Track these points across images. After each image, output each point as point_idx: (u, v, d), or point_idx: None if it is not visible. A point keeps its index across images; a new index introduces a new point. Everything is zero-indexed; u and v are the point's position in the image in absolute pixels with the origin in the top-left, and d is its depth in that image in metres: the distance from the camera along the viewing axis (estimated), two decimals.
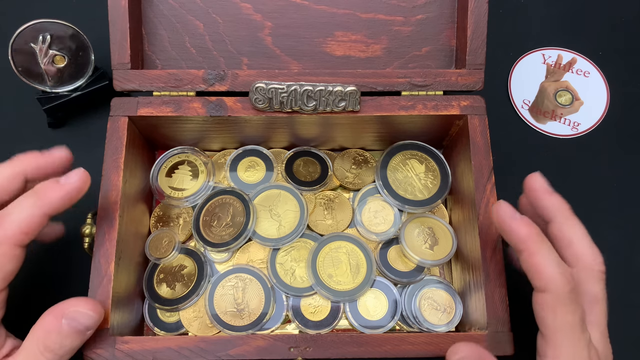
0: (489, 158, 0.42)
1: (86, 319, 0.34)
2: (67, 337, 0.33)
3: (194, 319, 0.43)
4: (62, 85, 0.49)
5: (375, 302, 0.43)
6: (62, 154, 0.38)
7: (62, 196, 0.35)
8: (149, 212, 0.47)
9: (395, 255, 0.45)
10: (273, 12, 0.46)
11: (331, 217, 0.47)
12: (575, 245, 0.36)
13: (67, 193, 0.35)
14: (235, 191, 0.46)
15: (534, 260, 0.33)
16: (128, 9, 0.42)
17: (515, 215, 0.34)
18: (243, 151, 0.49)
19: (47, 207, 0.34)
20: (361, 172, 0.49)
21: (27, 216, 0.33)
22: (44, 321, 0.33)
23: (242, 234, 0.44)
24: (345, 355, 0.37)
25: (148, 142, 0.47)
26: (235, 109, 0.43)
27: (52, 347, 0.33)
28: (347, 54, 0.47)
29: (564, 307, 0.32)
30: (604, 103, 0.57)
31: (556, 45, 0.59)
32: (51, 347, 0.33)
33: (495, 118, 0.47)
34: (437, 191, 0.46)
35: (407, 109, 0.43)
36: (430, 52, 0.47)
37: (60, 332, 0.33)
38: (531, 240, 0.33)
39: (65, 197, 0.35)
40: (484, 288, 0.38)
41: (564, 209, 0.37)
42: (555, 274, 0.32)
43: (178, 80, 0.43)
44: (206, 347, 0.36)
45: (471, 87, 0.44)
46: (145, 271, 0.44)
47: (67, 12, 0.57)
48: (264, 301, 0.43)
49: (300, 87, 0.42)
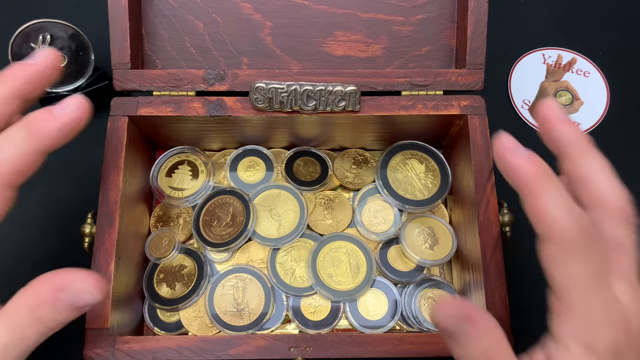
0: (489, 158, 0.42)
1: (89, 297, 0.29)
2: (62, 311, 0.29)
3: (194, 319, 0.43)
4: (62, 85, 0.49)
5: (375, 302, 0.43)
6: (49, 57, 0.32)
7: (58, 129, 0.30)
8: (149, 212, 0.47)
9: (395, 255, 0.45)
10: (273, 12, 0.46)
11: (331, 217, 0.47)
12: (593, 183, 0.29)
13: (64, 125, 0.30)
14: (235, 191, 0.46)
15: (537, 204, 0.27)
16: (128, 9, 0.42)
17: (518, 149, 0.28)
18: (243, 151, 0.49)
19: (41, 143, 0.30)
20: (361, 172, 0.49)
21: (19, 153, 0.29)
22: (38, 289, 0.29)
23: (242, 234, 0.44)
24: (345, 355, 0.37)
25: (148, 142, 0.47)
26: (235, 108, 0.43)
27: (44, 319, 0.29)
28: (347, 53, 0.47)
29: (573, 257, 0.27)
30: (604, 103, 0.57)
31: (556, 45, 0.59)
32: (42, 319, 0.29)
33: (495, 118, 0.47)
34: (437, 191, 0.46)
35: (407, 109, 0.43)
36: (430, 52, 0.47)
37: (56, 306, 0.29)
38: (535, 179, 0.27)
39: (62, 130, 0.30)
40: (484, 288, 0.38)
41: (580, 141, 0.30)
42: (560, 217, 0.27)
43: (178, 80, 0.43)
44: (206, 347, 0.36)
45: (471, 87, 0.44)
46: (145, 271, 0.44)
47: (67, 12, 0.57)
48: (264, 301, 0.43)
49: (300, 87, 0.42)
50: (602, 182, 0.29)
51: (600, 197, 0.29)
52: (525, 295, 0.45)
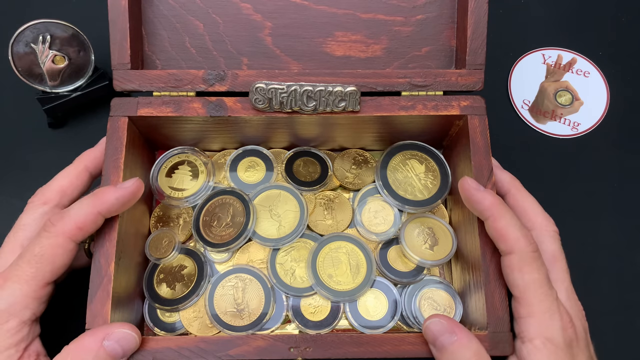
0: (489, 158, 0.42)
1: (129, 343, 0.35)
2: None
3: (194, 319, 0.43)
4: (62, 85, 0.49)
5: (375, 302, 0.44)
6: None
7: (117, 197, 0.37)
8: (149, 212, 0.47)
9: (395, 255, 0.45)
10: (273, 12, 0.46)
11: (331, 217, 0.47)
12: (530, 212, 0.40)
13: (122, 196, 0.37)
14: (235, 191, 0.46)
15: (498, 224, 0.37)
16: (128, 9, 0.42)
17: (479, 187, 0.38)
18: (243, 151, 0.49)
19: (103, 207, 0.37)
20: (361, 172, 0.49)
21: (84, 213, 0.36)
22: (82, 341, 0.34)
23: (242, 234, 0.44)
24: (345, 355, 0.37)
25: (148, 142, 0.47)
26: (235, 109, 0.43)
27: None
28: (347, 54, 0.47)
29: (529, 266, 0.35)
30: (604, 103, 0.57)
31: (556, 45, 0.59)
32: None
33: (495, 118, 0.47)
34: (437, 191, 0.46)
35: (407, 109, 0.43)
36: (430, 52, 0.47)
37: (98, 355, 0.33)
38: (495, 207, 0.37)
39: (120, 199, 0.37)
40: (484, 288, 0.38)
41: (515, 182, 0.42)
42: (518, 235, 0.36)
43: (178, 80, 0.43)
44: (206, 347, 0.36)
45: (471, 87, 0.44)
46: (145, 271, 0.44)
47: (67, 12, 0.57)
48: (264, 301, 0.43)
49: (300, 87, 0.42)
50: (536, 211, 0.41)
51: (535, 221, 0.40)
52: None
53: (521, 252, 0.36)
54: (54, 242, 0.35)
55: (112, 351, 0.34)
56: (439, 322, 0.36)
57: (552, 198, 0.52)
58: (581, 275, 0.38)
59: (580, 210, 0.52)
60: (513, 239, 0.36)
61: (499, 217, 0.37)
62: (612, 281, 0.50)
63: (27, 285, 0.34)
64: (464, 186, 0.39)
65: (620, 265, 0.50)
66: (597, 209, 0.52)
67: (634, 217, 0.52)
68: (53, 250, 0.35)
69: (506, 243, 0.36)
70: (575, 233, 0.51)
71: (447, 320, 0.36)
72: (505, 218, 0.36)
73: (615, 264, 0.50)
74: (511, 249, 0.36)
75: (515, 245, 0.36)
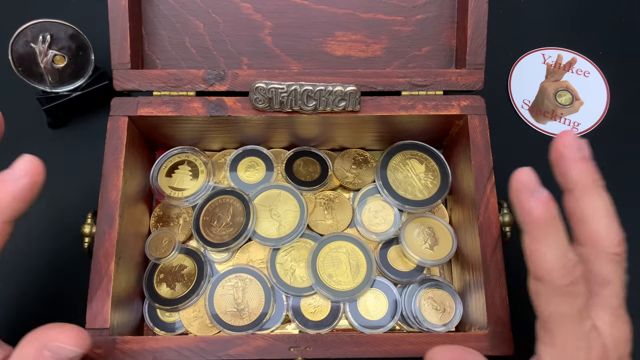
0: (489, 158, 0.42)
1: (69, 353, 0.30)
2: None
3: (194, 319, 0.43)
4: (62, 85, 0.49)
5: (375, 302, 0.43)
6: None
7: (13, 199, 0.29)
8: (149, 212, 0.47)
9: (395, 255, 0.45)
10: (273, 12, 0.46)
11: (331, 217, 0.47)
12: (590, 224, 0.31)
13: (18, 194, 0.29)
14: (235, 191, 0.46)
15: (535, 246, 0.29)
16: (128, 9, 0.42)
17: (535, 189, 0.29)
18: (243, 151, 0.49)
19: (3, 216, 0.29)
20: (361, 172, 0.49)
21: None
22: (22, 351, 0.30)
23: (242, 234, 0.44)
24: (346, 355, 0.37)
25: (148, 142, 0.47)
26: (235, 109, 0.43)
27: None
28: (347, 54, 0.47)
29: (559, 299, 0.30)
30: (604, 103, 0.57)
31: (556, 45, 0.59)
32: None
33: (495, 118, 0.47)
34: (437, 191, 0.46)
35: (407, 109, 0.43)
36: (430, 52, 0.47)
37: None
38: (541, 226, 0.29)
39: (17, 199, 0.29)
40: (484, 288, 0.38)
41: (586, 180, 0.31)
42: (555, 266, 0.29)
43: (178, 80, 0.43)
44: (206, 347, 0.36)
45: (471, 87, 0.44)
46: (145, 271, 0.44)
47: (67, 12, 0.57)
48: (264, 301, 0.43)
49: (300, 87, 0.42)
50: (598, 223, 0.31)
51: (594, 237, 0.31)
52: (525, 295, 0.45)
53: (551, 282, 0.29)
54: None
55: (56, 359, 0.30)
56: None
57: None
58: None
59: None
60: (546, 269, 0.29)
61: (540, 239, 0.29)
62: None
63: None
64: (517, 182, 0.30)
65: None
66: None
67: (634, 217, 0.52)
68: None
69: (537, 270, 0.30)
70: None
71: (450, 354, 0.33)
72: (547, 242, 0.29)
73: None
74: (542, 277, 0.30)
75: (547, 275, 0.29)
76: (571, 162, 0.32)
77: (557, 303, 0.30)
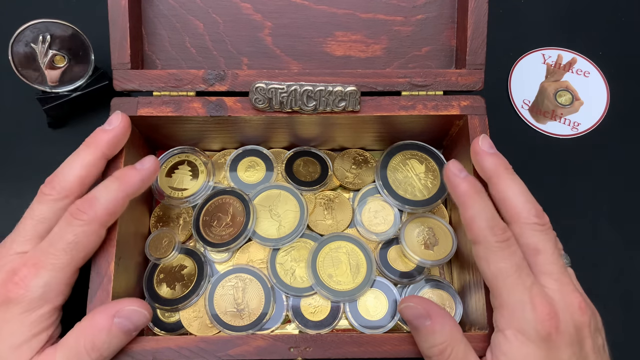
0: None
1: (140, 318, 0.35)
2: (116, 336, 0.34)
3: (194, 319, 0.43)
4: (62, 85, 0.49)
5: (375, 302, 0.43)
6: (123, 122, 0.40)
7: (141, 179, 0.38)
8: (149, 212, 0.47)
9: (395, 255, 0.45)
10: (273, 12, 0.46)
11: (331, 217, 0.47)
12: (509, 202, 0.37)
13: (144, 177, 0.38)
14: (235, 191, 0.46)
15: (467, 214, 0.35)
16: (128, 9, 0.42)
17: (460, 172, 0.37)
18: (243, 151, 0.49)
19: (129, 190, 0.37)
20: (361, 172, 0.49)
21: (113, 198, 0.36)
22: (93, 319, 0.34)
23: (242, 234, 0.44)
24: (345, 355, 0.37)
25: (148, 142, 0.47)
26: (235, 109, 0.43)
27: (100, 346, 0.34)
28: (347, 54, 0.47)
29: (494, 256, 0.34)
30: (604, 103, 0.57)
31: (556, 45, 0.59)
32: (99, 346, 0.33)
33: (495, 118, 0.47)
34: (437, 191, 0.46)
35: (407, 109, 0.43)
36: (430, 52, 0.47)
37: (110, 332, 0.34)
38: (467, 196, 0.36)
39: (143, 180, 0.38)
40: (484, 288, 0.38)
41: (499, 168, 0.38)
42: (486, 226, 0.35)
43: (178, 80, 0.43)
44: (206, 347, 0.36)
45: (471, 87, 0.44)
46: (145, 271, 0.44)
47: (67, 12, 0.57)
48: (264, 301, 0.43)
49: (300, 87, 0.42)
50: (516, 200, 0.37)
51: (515, 213, 0.36)
52: None
53: (485, 242, 0.35)
54: (87, 230, 0.35)
55: (124, 327, 0.34)
56: (413, 307, 0.36)
57: (552, 198, 0.52)
58: (580, 275, 0.38)
59: (580, 210, 0.52)
60: (477, 229, 0.35)
61: (470, 206, 0.35)
62: (612, 281, 0.50)
63: (62, 272, 0.35)
64: (446, 170, 0.38)
65: (620, 265, 0.50)
66: (596, 208, 0.52)
67: (634, 217, 0.52)
68: (87, 237, 0.35)
69: (472, 233, 0.35)
70: (575, 233, 0.51)
71: (421, 303, 0.36)
72: (475, 207, 0.35)
73: (615, 263, 0.50)
74: (476, 239, 0.35)
75: (479, 235, 0.35)
76: (484, 156, 0.39)
77: (495, 260, 0.34)
